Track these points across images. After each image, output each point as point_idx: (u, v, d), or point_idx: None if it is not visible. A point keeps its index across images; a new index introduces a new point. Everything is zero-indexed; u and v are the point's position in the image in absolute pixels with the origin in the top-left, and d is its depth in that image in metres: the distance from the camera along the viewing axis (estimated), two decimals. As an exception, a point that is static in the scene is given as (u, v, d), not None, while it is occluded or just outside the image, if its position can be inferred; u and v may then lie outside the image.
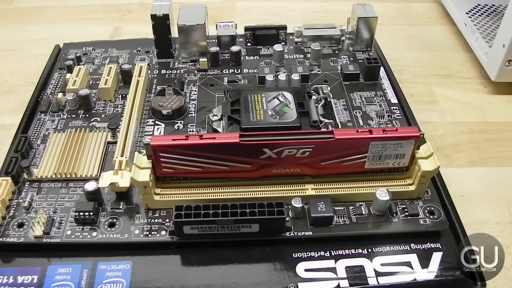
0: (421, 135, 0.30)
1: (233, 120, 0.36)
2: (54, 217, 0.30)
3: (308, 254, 0.29)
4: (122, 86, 0.41)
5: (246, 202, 0.29)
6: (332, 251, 0.29)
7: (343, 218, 0.31)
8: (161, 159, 0.30)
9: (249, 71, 0.44)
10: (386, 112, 0.39)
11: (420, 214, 0.31)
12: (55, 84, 0.42)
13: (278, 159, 0.31)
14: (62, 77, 0.42)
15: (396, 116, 0.39)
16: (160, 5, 0.42)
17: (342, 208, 0.31)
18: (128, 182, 0.31)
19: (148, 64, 0.43)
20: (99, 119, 0.38)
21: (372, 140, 0.30)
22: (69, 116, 0.38)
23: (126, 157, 0.33)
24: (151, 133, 0.37)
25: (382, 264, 0.29)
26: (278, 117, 0.36)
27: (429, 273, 0.28)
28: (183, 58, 0.44)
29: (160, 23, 0.42)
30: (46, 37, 0.51)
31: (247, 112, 0.37)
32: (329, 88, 0.41)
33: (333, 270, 0.29)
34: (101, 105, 0.39)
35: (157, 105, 0.39)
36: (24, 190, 0.32)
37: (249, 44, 0.47)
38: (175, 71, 0.43)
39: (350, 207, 0.31)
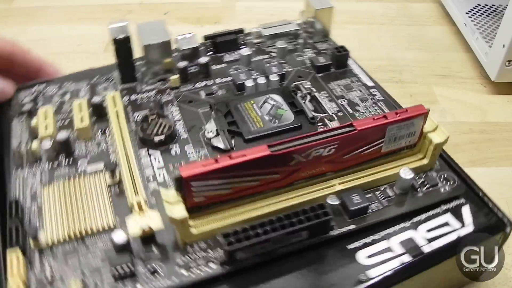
0: (428, 110, 0.32)
1: (233, 133, 0.35)
2: (86, 281, 0.27)
3: (361, 241, 0.30)
4: (96, 120, 0.37)
5: (288, 212, 0.28)
6: (380, 233, 0.30)
7: (376, 204, 0.32)
8: (192, 189, 0.28)
9: (222, 80, 0.42)
10: (368, 95, 0.40)
11: (438, 183, 0.33)
12: (19, 134, 0.36)
13: (305, 162, 0.31)
14: (24, 124, 0.37)
15: (378, 98, 0.40)
16: (118, 27, 0.39)
17: (370, 195, 0.32)
18: (160, 222, 0.29)
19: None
20: (86, 163, 0.34)
21: (389, 124, 0.31)
22: (50, 166, 0.34)
23: (143, 196, 0.30)
24: (150, 164, 0.34)
25: (428, 230, 0.31)
26: (276, 121, 0.36)
27: (468, 227, 0.31)
28: (150, 79, 0.41)
29: (123, 46, 0.39)
30: (46, 37, 0.49)
31: (244, 122, 0.36)
32: (309, 83, 0.41)
33: (389, 249, 0.30)
34: (82, 146, 0.35)
35: (146, 134, 0.36)
36: (37, 260, 0.28)
37: (210, 53, 0.45)
38: (146, 94, 0.40)
39: (377, 192, 0.33)
